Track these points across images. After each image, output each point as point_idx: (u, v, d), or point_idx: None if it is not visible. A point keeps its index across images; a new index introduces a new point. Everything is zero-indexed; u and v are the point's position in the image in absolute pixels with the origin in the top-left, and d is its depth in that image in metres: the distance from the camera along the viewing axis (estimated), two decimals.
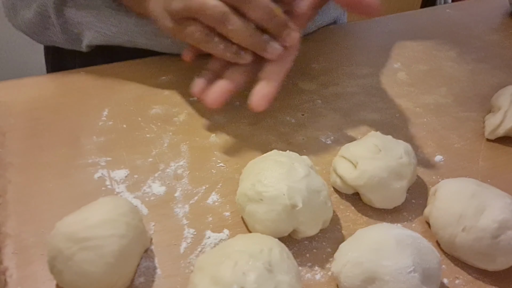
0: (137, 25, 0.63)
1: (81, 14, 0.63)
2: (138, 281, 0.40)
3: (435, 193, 0.45)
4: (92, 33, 0.63)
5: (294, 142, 0.55)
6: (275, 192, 0.41)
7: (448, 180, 0.46)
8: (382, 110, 0.60)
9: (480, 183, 0.45)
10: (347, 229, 0.45)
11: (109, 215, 0.39)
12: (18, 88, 0.60)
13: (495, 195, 0.42)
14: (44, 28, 0.65)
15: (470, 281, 0.41)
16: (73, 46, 0.66)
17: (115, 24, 0.63)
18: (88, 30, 0.63)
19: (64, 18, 0.63)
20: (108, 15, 0.62)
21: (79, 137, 0.53)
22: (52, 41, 0.67)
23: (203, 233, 0.44)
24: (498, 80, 0.66)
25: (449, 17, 0.80)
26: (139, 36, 0.63)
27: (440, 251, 0.43)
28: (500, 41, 0.74)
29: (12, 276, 0.40)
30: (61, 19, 0.63)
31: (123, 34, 0.63)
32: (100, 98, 0.59)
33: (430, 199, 0.46)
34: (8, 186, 0.48)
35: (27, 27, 0.66)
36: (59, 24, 0.63)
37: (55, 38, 0.66)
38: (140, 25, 0.62)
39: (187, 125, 0.56)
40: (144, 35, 0.63)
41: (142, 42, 0.64)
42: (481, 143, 0.55)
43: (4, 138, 0.53)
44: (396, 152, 0.46)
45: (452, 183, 0.45)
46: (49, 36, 0.66)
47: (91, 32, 0.63)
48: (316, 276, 0.41)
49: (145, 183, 0.49)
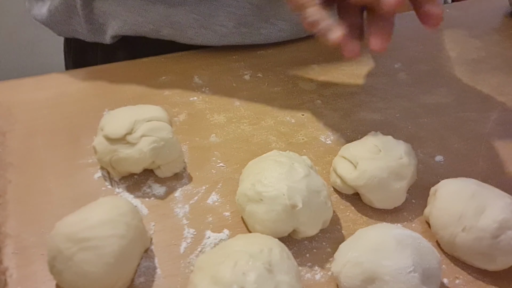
0: (163, 15, 0.63)
1: (108, 3, 0.63)
2: (138, 281, 0.40)
3: (435, 193, 0.45)
4: (118, 23, 0.64)
5: (294, 142, 0.55)
6: (275, 192, 0.41)
7: (448, 180, 0.46)
8: (382, 110, 0.60)
9: (480, 183, 0.45)
10: (347, 229, 0.45)
11: (109, 215, 0.39)
12: (18, 88, 0.61)
13: (495, 195, 0.42)
14: (68, 17, 0.66)
15: (470, 281, 0.41)
16: (95, 37, 0.67)
17: (141, 13, 0.63)
18: (114, 20, 0.64)
19: (90, 8, 0.64)
20: (135, 4, 0.63)
21: (79, 137, 0.53)
22: (74, 32, 0.67)
23: (203, 233, 0.44)
24: (498, 80, 0.66)
25: (449, 17, 0.80)
26: (164, 26, 0.64)
27: (440, 251, 0.43)
28: (500, 41, 0.74)
29: (12, 276, 0.40)
30: (87, 9, 0.64)
31: (148, 23, 0.64)
32: (100, 98, 0.59)
33: (430, 199, 0.46)
34: (8, 186, 0.48)
35: (51, 17, 0.67)
36: (84, 14, 0.64)
37: (79, 28, 0.66)
38: (166, 15, 0.63)
39: (187, 125, 0.56)
40: (169, 25, 0.64)
41: (167, 32, 0.65)
42: (481, 143, 0.55)
43: (4, 138, 0.53)
44: (396, 152, 0.46)
45: (452, 183, 0.45)
46: (72, 26, 0.67)
47: (117, 21, 0.64)
48: (316, 276, 0.41)
49: (145, 183, 0.49)
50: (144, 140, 0.46)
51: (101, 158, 0.47)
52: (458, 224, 0.41)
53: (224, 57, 0.67)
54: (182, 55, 0.67)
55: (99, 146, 0.47)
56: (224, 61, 0.66)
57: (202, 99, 0.60)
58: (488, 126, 0.58)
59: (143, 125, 0.47)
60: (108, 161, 0.47)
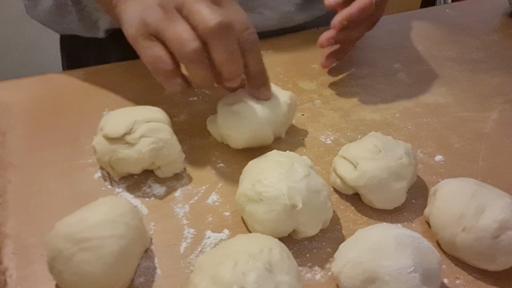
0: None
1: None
2: (138, 281, 0.40)
3: (435, 193, 0.45)
4: (109, 18, 0.64)
5: (294, 142, 0.55)
6: (275, 192, 0.41)
7: (448, 180, 0.46)
8: (382, 110, 0.60)
9: (480, 183, 0.45)
10: (347, 229, 0.45)
11: (109, 215, 0.39)
12: (18, 88, 0.60)
13: (495, 195, 0.42)
14: (61, 17, 0.67)
15: (470, 281, 0.41)
16: (90, 33, 0.68)
17: None
18: (105, 15, 0.64)
19: (80, 6, 0.65)
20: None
21: (79, 137, 0.53)
22: (69, 29, 0.69)
23: (203, 233, 0.44)
24: (498, 80, 0.66)
25: (449, 17, 0.80)
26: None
27: (440, 251, 0.43)
28: (500, 41, 0.74)
29: (12, 276, 0.40)
30: (78, 6, 0.65)
31: None
32: (100, 98, 0.59)
33: (430, 199, 0.46)
34: (8, 186, 0.48)
35: (46, 16, 0.68)
36: (76, 12, 0.65)
37: (72, 25, 0.67)
38: None
39: (187, 125, 0.56)
40: None
41: None
42: (481, 143, 0.55)
43: (4, 138, 0.53)
44: (396, 152, 0.46)
45: (452, 183, 0.45)
46: (66, 24, 0.68)
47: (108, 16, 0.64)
48: (316, 276, 0.41)
49: (145, 183, 0.49)
50: (143, 141, 0.46)
51: (101, 158, 0.47)
52: (458, 224, 0.41)
53: None
54: None
55: (99, 146, 0.47)
56: None
57: (202, 99, 0.60)
58: (488, 126, 0.58)
59: (142, 126, 0.47)
60: (107, 161, 0.47)
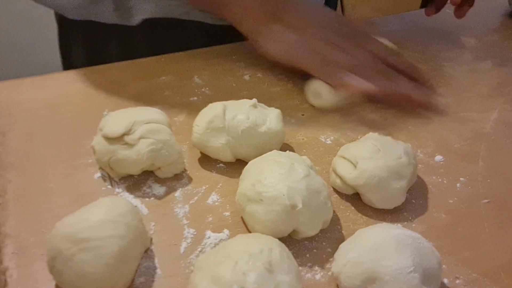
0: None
1: None
2: (138, 281, 0.40)
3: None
4: (151, 6, 0.64)
5: (294, 142, 0.55)
6: (275, 193, 0.41)
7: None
8: (382, 110, 0.60)
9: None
10: (347, 229, 0.45)
11: (109, 215, 0.39)
12: (18, 88, 0.60)
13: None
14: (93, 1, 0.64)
15: (470, 281, 0.41)
16: (121, 20, 0.66)
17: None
18: (146, 3, 0.64)
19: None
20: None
21: (79, 137, 0.53)
22: (95, 14, 0.66)
23: (203, 233, 0.44)
24: (498, 80, 0.66)
25: (449, 17, 0.80)
26: (195, 8, 0.65)
27: (440, 251, 0.43)
28: (499, 41, 0.74)
29: (12, 276, 0.40)
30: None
31: (180, 6, 0.65)
32: (100, 98, 0.59)
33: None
34: (8, 186, 0.48)
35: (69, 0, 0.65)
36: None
37: (104, 11, 0.65)
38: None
39: (187, 125, 0.56)
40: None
41: (197, 15, 0.66)
42: (481, 143, 0.55)
43: (4, 138, 0.53)
44: (396, 152, 0.46)
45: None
46: (95, 10, 0.65)
47: (150, 4, 0.64)
48: (316, 276, 0.41)
49: (145, 183, 0.49)
50: (142, 142, 0.46)
51: (100, 159, 0.47)
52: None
53: (224, 57, 0.67)
54: (182, 55, 0.67)
55: (98, 146, 0.47)
56: (224, 61, 0.66)
57: (202, 99, 0.60)
58: (488, 126, 0.58)
59: (141, 127, 0.47)
60: (106, 162, 0.47)
